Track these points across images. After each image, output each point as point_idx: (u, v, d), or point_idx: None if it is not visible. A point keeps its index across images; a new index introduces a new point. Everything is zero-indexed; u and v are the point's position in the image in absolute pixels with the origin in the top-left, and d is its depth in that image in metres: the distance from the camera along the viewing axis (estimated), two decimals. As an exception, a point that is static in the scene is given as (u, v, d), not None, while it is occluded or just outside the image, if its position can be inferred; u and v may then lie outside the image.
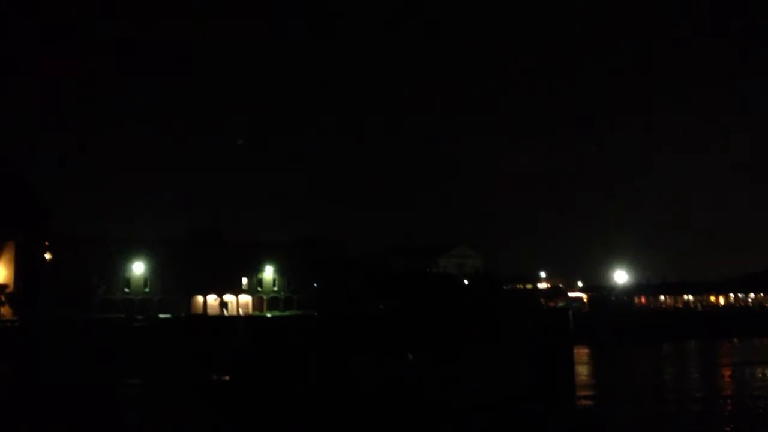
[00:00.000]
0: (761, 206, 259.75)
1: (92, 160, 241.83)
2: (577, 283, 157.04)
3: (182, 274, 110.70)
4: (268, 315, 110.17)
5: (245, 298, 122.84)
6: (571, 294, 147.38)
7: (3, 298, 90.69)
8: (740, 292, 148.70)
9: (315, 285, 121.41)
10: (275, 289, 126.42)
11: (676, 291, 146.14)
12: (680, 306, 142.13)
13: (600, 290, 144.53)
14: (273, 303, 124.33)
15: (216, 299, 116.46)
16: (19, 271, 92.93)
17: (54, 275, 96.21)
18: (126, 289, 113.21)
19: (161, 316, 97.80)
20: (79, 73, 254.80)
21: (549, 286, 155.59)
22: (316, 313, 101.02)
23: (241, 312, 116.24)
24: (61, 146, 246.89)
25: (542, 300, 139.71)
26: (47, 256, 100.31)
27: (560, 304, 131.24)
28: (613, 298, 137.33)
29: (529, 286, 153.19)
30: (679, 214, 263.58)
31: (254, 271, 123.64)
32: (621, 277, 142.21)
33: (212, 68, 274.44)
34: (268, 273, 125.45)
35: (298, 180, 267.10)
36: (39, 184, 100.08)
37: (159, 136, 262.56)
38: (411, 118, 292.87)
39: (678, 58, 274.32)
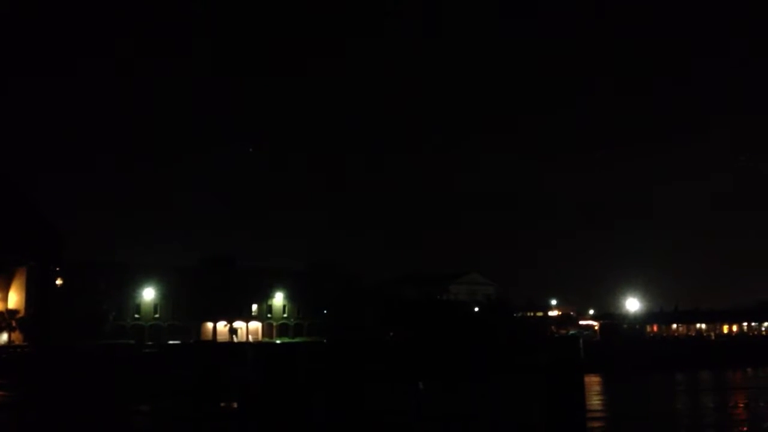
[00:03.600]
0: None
1: (104, 186, 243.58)
2: (588, 311, 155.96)
3: (192, 300, 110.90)
4: (278, 342, 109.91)
5: (255, 325, 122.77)
6: (582, 322, 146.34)
7: (14, 324, 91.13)
8: (753, 321, 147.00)
9: (325, 312, 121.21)
10: (285, 315, 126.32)
11: (688, 319, 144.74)
12: (693, 335, 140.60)
13: (612, 318, 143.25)
14: (282, 329, 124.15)
15: (226, 325, 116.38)
16: (31, 296, 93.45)
17: (65, 301, 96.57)
18: (136, 315, 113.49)
19: (171, 342, 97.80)
20: (90, 95, 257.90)
21: (560, 313, 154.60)
22: (325, 340, 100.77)
23: (250, 338, 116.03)
24: (73, 172, 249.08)
25: (553, 328, 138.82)
26: (58, 281, 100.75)
27: (571, 332, 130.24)
28: (625, 326, 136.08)
29: (540, 314, 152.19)
30: (692, 242, 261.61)
31: (264, 297, 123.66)
32: (633, 305, 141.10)
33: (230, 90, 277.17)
34: (278, 299, 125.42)
35: (310, 207, 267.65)
36: (51, 210, 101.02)
37: (170, 162, 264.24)
38: (421, 145, 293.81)
39: (692, 81, 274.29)
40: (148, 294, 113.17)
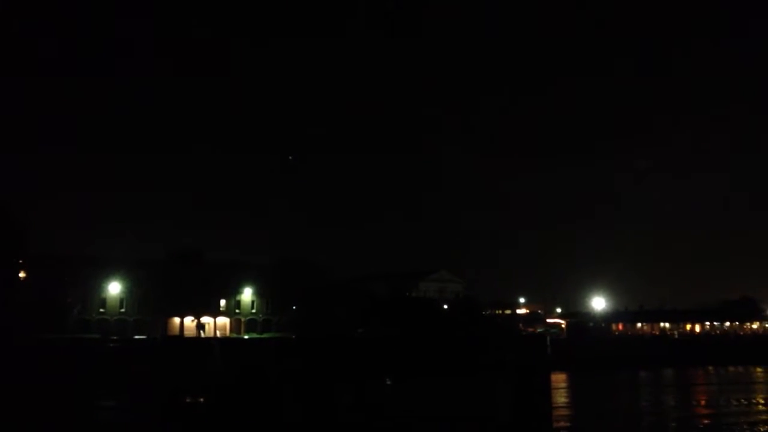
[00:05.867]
0: (737, 235, 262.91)
1: (69, 179, 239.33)
2: (555, 309, 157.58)
3: (159, 295, 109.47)
4: (246, 337, 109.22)
5: (223, 320, 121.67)
6: (549, 320, 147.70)
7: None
8: (716, 320, 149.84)
9: (294, 308, 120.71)
10: (254, 311, 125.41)
11: (653, 318, 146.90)
12: (657, 333, 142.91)
13: (578, 316, 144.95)
14: (251, 325, 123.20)
15: (193, 321, 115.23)
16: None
17: (28, 294, 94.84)
18: (101, 310, 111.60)
19: (136, 337, 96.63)
20: (57, 88, 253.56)
21: (528, 311, 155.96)
22: (294, 336, 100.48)
23: (218, 334, 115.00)
24: (37, 164, 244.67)
25: (521, 325, 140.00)
26: (21, 274, 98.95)
27: (539, 330, 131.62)
28: (591, 325, 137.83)
29: (508, 312, 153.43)
30: (656, 242, 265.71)
31: (233, 292, 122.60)
32: (599, 303, 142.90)
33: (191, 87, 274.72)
34: (247, 295, 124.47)
35: (279, 202, 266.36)
36: (14, 203, 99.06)
37: (137, 155, 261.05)
38: (392, 139, 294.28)
39: (669, 84, 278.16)
40: (114, 288, 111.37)
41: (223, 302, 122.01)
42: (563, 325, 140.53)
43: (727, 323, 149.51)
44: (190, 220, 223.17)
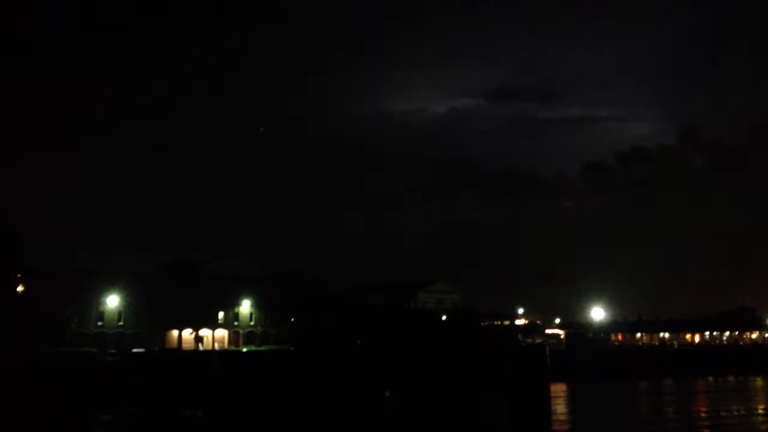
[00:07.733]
0: (736, 245, 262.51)
1: (69, 192, 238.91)
2: (554, 320, 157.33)
3: (157, 308, 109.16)
4: (244, 350, 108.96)
5: (221, 333, 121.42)
6: (548, 331, 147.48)
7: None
8: (715, 330, 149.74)
9: (292, 320, 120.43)
10: (252, 323, 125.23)
11: (652, 328, 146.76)
12: (656, 343, 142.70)
13: (577, 327, 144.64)
14: (249, 338, 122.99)
15: (191, 333, 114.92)
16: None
17: (26, 307, 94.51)
18: (99, 323, 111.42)
19: (135, 350, 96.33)
20: (55, 100, 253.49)
21: (527, 322, 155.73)
22: (292, 348, 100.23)
23: (216, 347, 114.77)
24: (36, 176, 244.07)
25: (520, 336, 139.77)
26: (19, 288, 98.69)
27: (537, 341, 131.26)
28: (590, 335, 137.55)
29: (507, 323, 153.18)
30: (656, 252, 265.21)
31: (231, 305, 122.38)
32: (598, 314, 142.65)
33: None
34: (245, 307, 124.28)
35: (276, 214, 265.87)
36: (12, 215, 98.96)
37: (137, 166, 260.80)
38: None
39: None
40: (112, 301, 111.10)
41: (221, 315, 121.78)
42: (562, 336, 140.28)
43: (727, 333, 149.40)
44: (188, 233, 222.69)
